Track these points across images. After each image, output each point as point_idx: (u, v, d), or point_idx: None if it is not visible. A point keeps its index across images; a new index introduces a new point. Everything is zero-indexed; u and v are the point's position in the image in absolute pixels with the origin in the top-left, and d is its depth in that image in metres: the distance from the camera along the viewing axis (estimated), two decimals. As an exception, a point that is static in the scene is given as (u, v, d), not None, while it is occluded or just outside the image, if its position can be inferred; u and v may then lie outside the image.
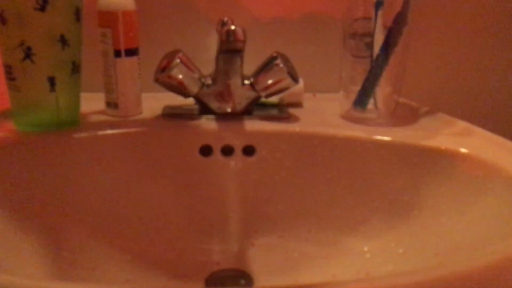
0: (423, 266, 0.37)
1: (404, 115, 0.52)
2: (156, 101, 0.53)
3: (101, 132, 0.45)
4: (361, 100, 0.49)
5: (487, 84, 0.66)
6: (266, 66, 0.48)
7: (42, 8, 0.40)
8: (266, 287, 0.41)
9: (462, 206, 0.39)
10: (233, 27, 0.43)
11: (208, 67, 0.50)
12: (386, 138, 0.44)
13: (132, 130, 0.46)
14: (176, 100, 0.51)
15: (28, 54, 0.41)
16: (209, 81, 0.49)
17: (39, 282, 0.23)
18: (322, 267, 0.43)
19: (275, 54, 0.48)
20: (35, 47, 0.41)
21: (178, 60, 0.46)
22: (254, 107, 0.51)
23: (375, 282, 0.25)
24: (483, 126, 0.47)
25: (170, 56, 0.47)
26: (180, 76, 0.46)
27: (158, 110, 0.51)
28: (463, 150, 0.41)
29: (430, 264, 0.37)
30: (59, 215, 0.42)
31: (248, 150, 0.47)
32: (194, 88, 0.48)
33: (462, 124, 0.49)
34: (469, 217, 0.38)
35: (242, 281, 0.43)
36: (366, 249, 0.43)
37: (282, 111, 0.52)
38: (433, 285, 0.25)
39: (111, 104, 0.49)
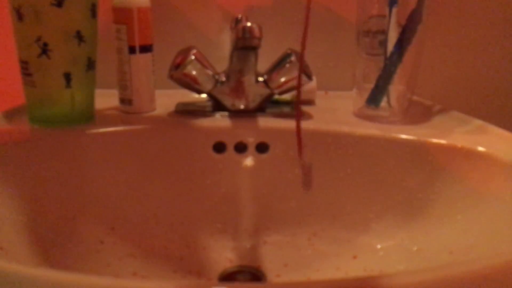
0: (437, 264, 0.37)
1: (417, 113, 0.52)
2: (169, 98, 0.53)
3: (115, 128, 0.45)
4: (374, 98, 0.49)
5: (501, 82, 0.65)
6: (280, 63, 0.48)
7: (59, 4, 0.40)
8: (279, 283, 0.41)
9: (478, 205, 0.39)
10: (249, 24, 0.43)
11: (221, 64, 0.50)
12: (400, 136, 0.44)
13: (145, 126, 0.46)
14: (189, 97, 0.51)
15: (44, 50, 0.41)
16: (223, 78, 0.49)
17: (51, 273, 0.23)
18: (335, 264, 0.43)
19: (289, 51, 0.48)
20: (52, 43, 0.41)
21: (192, 57, 0.46)
22: (267, 105, 0.51)
23: (387, 279, 0.25)
24: (498, 124, 0.47)
25: (184, 52, 0.47)
26: (194, 73, 0.47)
27: (171, 107, 0.52)
28: (480, 148, 0.41)
29: (444, 262, 0.36)
30: (72, 210, 0.42)
31: (262, 147, 0.47)
32: (208, 85, 0.48)
33: (476, 122, 0.49)
34: (485, 216, 0.38)
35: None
36: (379, 246, 0.43)
37: (295, 108, 0.52)
38: (448, 283, 0.24)
39: (125, 101, 0.49)
